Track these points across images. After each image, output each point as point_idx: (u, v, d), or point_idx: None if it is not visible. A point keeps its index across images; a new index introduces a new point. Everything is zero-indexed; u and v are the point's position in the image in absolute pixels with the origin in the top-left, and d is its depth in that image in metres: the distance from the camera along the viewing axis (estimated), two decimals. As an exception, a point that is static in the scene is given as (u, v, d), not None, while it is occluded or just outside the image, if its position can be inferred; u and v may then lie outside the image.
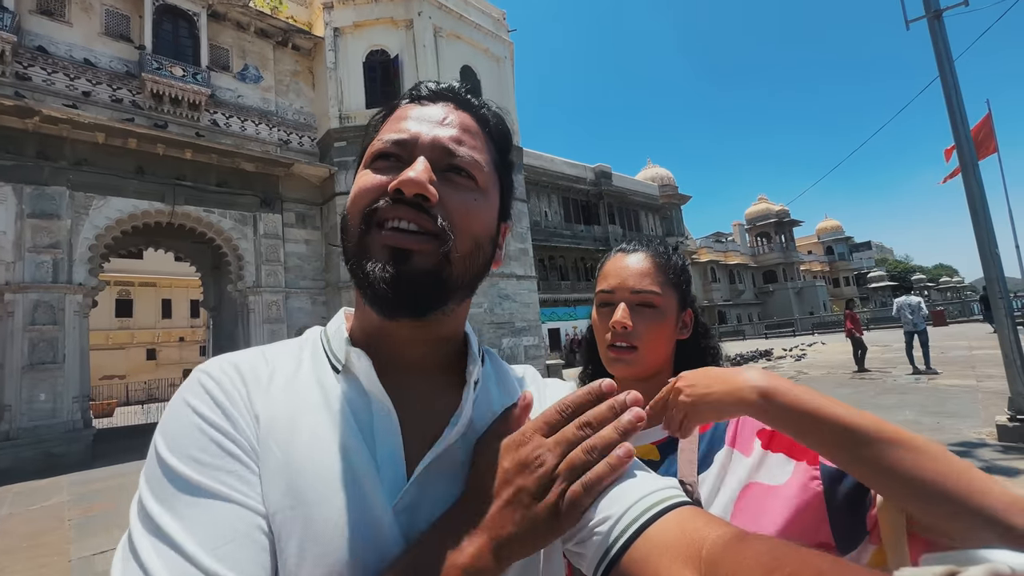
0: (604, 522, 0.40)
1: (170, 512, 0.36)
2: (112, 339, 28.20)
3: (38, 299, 9.01)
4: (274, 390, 0.45)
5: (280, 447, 0.41)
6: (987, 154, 6.78)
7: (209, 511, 0.37)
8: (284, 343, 0.52)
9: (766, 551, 0.31)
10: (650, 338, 0.80)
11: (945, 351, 11.75)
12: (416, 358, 0.50)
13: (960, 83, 5.18)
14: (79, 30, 10.51)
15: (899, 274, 53.80)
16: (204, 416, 0.41)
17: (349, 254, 0.47)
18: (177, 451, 0.39)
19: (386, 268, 0.44)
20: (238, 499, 0.38)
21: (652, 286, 0.82)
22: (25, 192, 9.20)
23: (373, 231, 0.45)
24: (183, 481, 0.38)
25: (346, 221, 0.47)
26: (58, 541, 4.53)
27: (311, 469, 0.41)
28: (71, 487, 6.85)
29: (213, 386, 0.43)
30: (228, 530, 0.36)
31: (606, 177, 27.12)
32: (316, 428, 0.43)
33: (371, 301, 0.45)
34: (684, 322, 0.86)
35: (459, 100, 0.52)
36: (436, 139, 0.48)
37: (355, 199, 0.47)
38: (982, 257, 4.94)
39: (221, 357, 0.47)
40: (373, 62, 13.79)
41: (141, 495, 0.38)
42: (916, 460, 0.49)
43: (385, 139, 0.48)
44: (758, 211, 44.49)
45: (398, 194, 0.45)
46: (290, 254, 12.87)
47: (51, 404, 8.87)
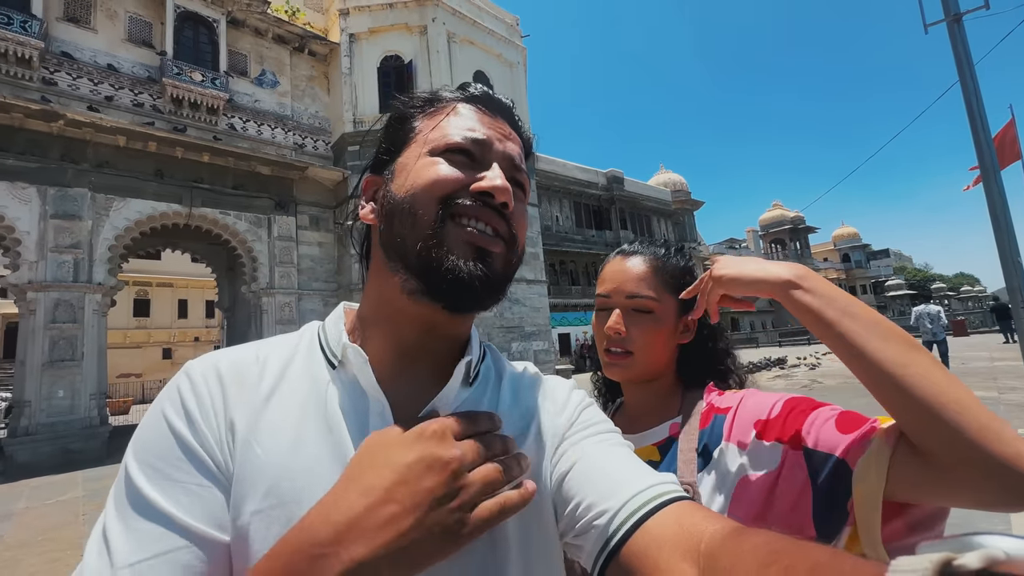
0: (603, 515, 0.40)
1: (118, 517, 0.38)
2: (129, 338, 28.79)
3: (59, 298, 9.23)
4: (260, 389, 0.45)
5: (262, 448, 0.41)
6: (1010, 161, 6.62)
7: (145, 524, 0.37)
8: (280, 338, 0.52)
9: (763, 544, 0.31)
10: (645, 344, 0.79)
11: (965, 362, 11.45)
12: (426, 352, 0.50)
13: (981, 88, 5.08)
14: (103, 36, 10.81)
15: (918, 283, 52.71)
16: (171, 424, 0.41)
17: (417, 237, 0.45)
18: (140, 458, 0.40)
19: (477, 265, 0.45)
20: (175, 517, 0.37)
21: (648, 291, 0.81)
22: (49, 193, 9.46)
23: (449, 224, 0.46)
24: (134, 490, 0.38)
25: (414, 203, 0.46)
26: (72, 536, 4.61)
27: (296, 468, 0.40)
28: (86, 483, 6.99)
29: (187, 392, 0.43)
30: (153, 547, 0.36)
31: (618, 182, 27.03)
32: (304, 429, 0.43)
33: (443, 294, 0.45)
34: (686, 326, 0.83)
35: (512, 119, 0.55)
36: (507, 152, 0.51)
37: (432, 185, 0.46)
38: (1004, 267, 4.81)
39: (208, 356, 0.47)
40: (387, 67, 13.97)
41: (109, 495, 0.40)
42: (935, 371, 0.50)
43: (461, 136, 0.49)
44: (773, 217, 43.99)
45: (484, 196, 0.47)
46: (303, 256, 13.03)
47: (69, 401, 9.07)
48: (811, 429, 0.61)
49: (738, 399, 0.74)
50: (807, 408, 0.64)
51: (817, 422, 0.61)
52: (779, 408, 0.67)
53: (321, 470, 0.41)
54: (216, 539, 0.38)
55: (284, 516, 0.38)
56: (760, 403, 0.70)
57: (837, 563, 0.27)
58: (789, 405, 0.66)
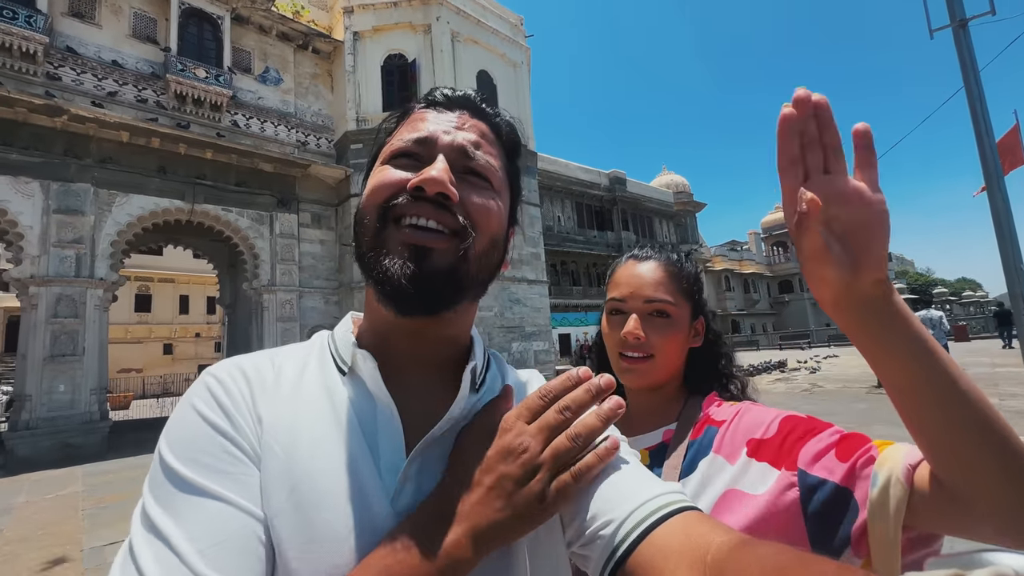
0: (608, 524, 0.40)
1: (167, 511, 0.37)
2: (130, 333, 28.86)
3: (61, 293, 9.25)
4: (279, 393, 0.46)
5: (283, 449, 0.42)
6: (1015, 166, 6.60)
7: (204, 511, 0.37)
8: (292, 347, 0.53)
9: (770, 557, 0.31)
10: (664, 348, 0.80)
11: (966, 367, 11.32)
12: (424, 357, 0.50)
13: (985, 93, 5.07)
14: (108, 32, 10.82)
15: (920, 287, 52.57)
16: (207, 419, 0.42)
17: (364, 248, 0.47)
18: (178, 453, 0.40)
19: (406, 264, 0.44)
20: (234, 501, 0.38)
21: (666, 295, 0.81)
22: (52, 188, 9.48)
23: (390, 227, 0.46)
24: (182, 481, 0.38)
25: (361, 215, 0.48)
26: (71, 530, 4.62)
27: (313, 471, 0.41)
28: (86, 477, 7.00)
29: (218, 389, 0.44)
30: (219, 531, 0.36)
31: (620, 183, 27.01)
32: (319, 431, 0.44)
33: (387, 297, 0.45)
34: (696, 330, 0.85)
35: (474, 108, 0.53)
36: (455, 141, 0.49)
37: (372, 194, 0.47)
38: (1006, 273, 4.80)
39: (229, 360, 0.48)
40: (391, 66, 13.96)
41: (143, 499, 0.39)
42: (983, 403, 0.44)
43: (405, 138, 0.49)
44: (775, 220, 43.92)
45: (418, 191, 0.45)
46: (305, 254, 13.04)
47: (70, 395, 9.09)
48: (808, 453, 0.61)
49: (734, 412, 0.74)
50: (804, 432, 0.63)
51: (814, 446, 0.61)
52: (775, 428, 0.66)
53: (333, 475, 0.41)
54: (263, 518, 0.39)
55: (303, 519, 0.39)
56: (756, 420, 0.69)
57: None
58: (786, 426, 0.66)
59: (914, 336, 0.44)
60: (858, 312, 0.45)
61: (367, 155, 5.23)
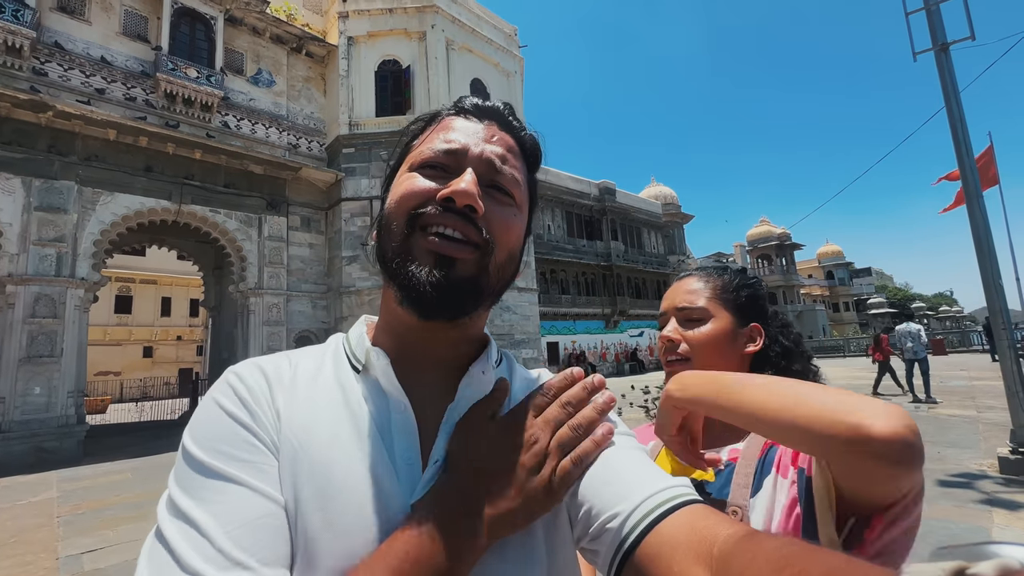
0: (616, 517, 0.41)
1: (193, 497, 0.39)
2: (110, 335, 28.14)
3: (39, 292, 9.01)
4: (296, 390, 0.47)
5: (300, 443, 0.43)
6: (989, 185, 6.84)
7: (228, 495, 0.39)
8: (307, 348, 0.55)
9: (776, 548, 0.31)
10: (701, 348, 0.84)
11: (945, 380, 11.70)
12: (439, 357, 0.52)
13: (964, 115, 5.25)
14: (98, 29, 10.67)
15: (899, 301, 53.81)
16: (228, 411, 0.43)
17: (390, 252, 0.48)
18: (202, 443, 0.42)
19: (432, 272, 0.46)
20: (256, 486, 0.40)
21: (696, 301, 0.87)
22: (34, 185, 9.26)
23: (417, 234, 0.47)
24: (205, 468, 0.40)
25: (388, 220, 0.49)
26: (46, 538, 4.47)
27: (330, 465, 0.42)
28: (61, 483, 6.78)
29: (239, 384, 0.46)
30: (244, 513, 0.38)
31: (610, 193, 27.27)
32: (335, 426, 0.45)
33: (411, 302, 0.47)
34: (750, 335, 0.87)
35: (503, 120, 0.55)
36: (484, 154, 0.50)
37: (402, 200, 0.49)
38: (986, 288, 4.94)
39: (248, 360, 0.50)
40: (385, 71, 13.99)
41: (169, 490, 0.40)
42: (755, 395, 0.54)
43: (435, 148, 0.50)
44: (760, 233, 44.68)
45: (448, 203, 0.47)
46: (293, 257, 12.90)
47: (46, 398, 8.82)
48: None
49: None
50: None
51: None
52: None
53: (350, 469, 0.43)
54: (284, 504, 0.41)
55: (320, 511, 0.40)
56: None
57: (850, 569, 0.27)
58: None
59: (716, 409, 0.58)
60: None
61: (359, 159, 5.30)
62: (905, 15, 5.64)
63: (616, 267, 25.96)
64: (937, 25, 5.37)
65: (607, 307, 25.41)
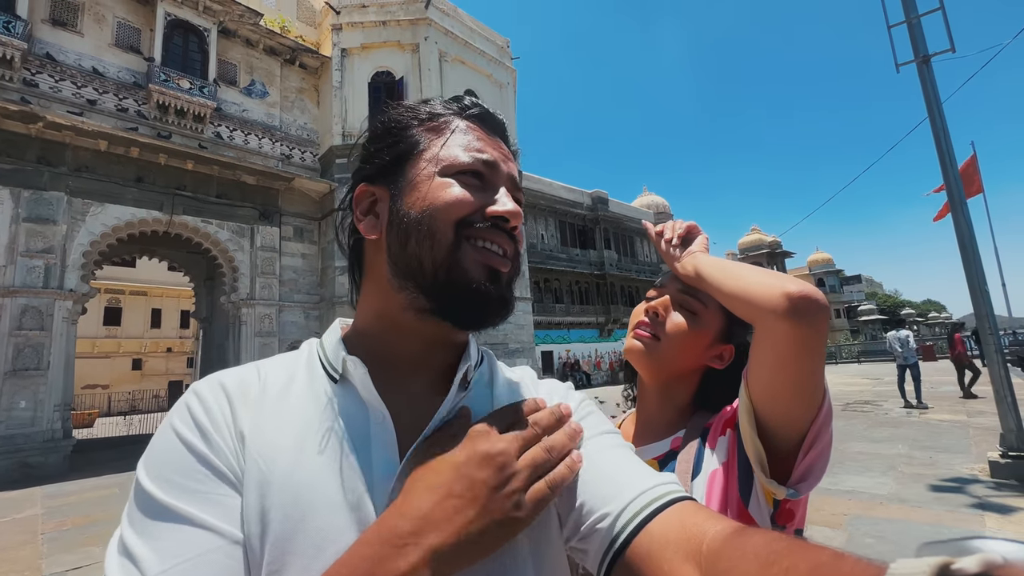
0: (606, 517, 0.40)
1: (139, 533, 0.37)
2: (98, 347, 27.72)
3: (27, 304, 8.88)
4: (264, 404, 0.45)
5: (268, 464, 0.41)
6: (973, 194, 6.97)
7: (170, 532, 0.37)
8: (280, 356, 0.52)
9: (764, 544, 0.31)
10: (676, 337, 0.80)
11: (935, 386, 11.80)
12: (426, 362, 0.51)
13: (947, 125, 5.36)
14: (90, 40, 10.67)
15: (889, 308, 54.36)
16: (183, 438, 0.41)
17: (432, 263, 0.46)
18: (153, 474, 0.40)
19: (486, 285, 0.47)
20: (204, 521, 0.38)
21: (701, 296, 0.81)
22: (23, 196, 9.17)
23: (465, 246, 0.47)
24: (153, 503, 0.38)
25: (430, 224, 0.47)
26: (30, 556, 4.35)
27: (300, 485, 0.40)
28: (46, 499, 6.62)
29: (197, 407, 0.43)
30: (185, 551, 0.36)
31: (602, 203, 27.46)
32: (307, 441, 0.43)
33: (454, 312, 0.47)
34: (721, 354, 0.83)
35: (505, 138, 0.56)
36: (511, 173, 0.53)
37: (449, 208, 0.47)
38: (972, 294, 5.02)
39: (211, 376, 0.47)
40: (378, 83, 14.08)
41: (121, 520, 0.39)
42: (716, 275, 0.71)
43: (472, 156, 0.50)
44: (751, 241, 45.11)
45: (498, 220, 0.49)
46: (286, 267, 12.83)
47: (31, 412, 8.64)
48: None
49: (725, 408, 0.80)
50: None
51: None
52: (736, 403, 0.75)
53: (324, 483, 0.41)
54: (240, 539, 0.38)
55: (291, 528, 0.38)
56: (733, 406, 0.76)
57: (837, 564, 0.27)
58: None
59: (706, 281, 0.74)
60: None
61: (352, 170, 5.37)
62: (887, 28, 5.79)
63: (610, 276, 26.05)
64: (919, 38, 5.51)
65: (601, 315, 25.45)
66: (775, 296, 0.59)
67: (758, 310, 0.62)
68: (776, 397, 0.62)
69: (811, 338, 0.59)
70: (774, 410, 0.63)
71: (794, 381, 0.61)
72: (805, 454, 0.62)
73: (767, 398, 0.63)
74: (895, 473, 4.98)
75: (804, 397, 0.61)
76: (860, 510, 3.99)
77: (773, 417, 0.63)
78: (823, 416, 0.62)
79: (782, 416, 0.63)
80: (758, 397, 0.64)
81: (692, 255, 0.78)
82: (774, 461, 0.64)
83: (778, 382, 0.62)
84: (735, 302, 0.66)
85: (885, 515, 3.86)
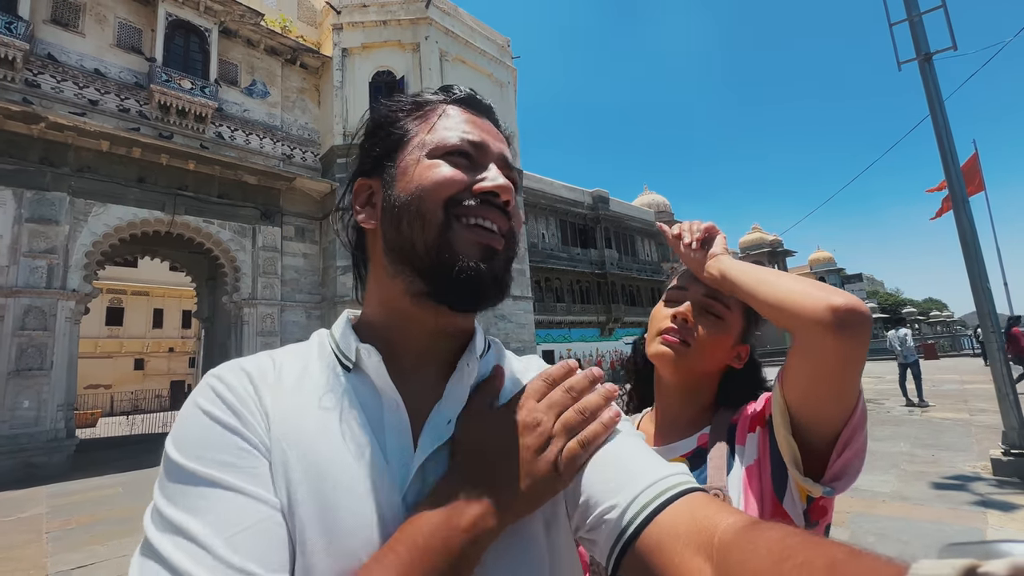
0: (615, 508, 0.40)
1: (183, 508, 0.36)
2: (100, 347, 27.78)
3: (30, 304, 8.90)
4: (282, 389, 0.45)
5: (291, 444, 0.42)
6: (975, 192, 6.97)
7: (221, 503, 0.37)
8: (291, 346, 0.52)
9: (777, 539, 0.31)
10: (703, 344, 0.81)
11: (937, 384, 11.80)
12: (436, 350, 0.51)
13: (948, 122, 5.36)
14: (91, 41, 10.68)
15: (890, 307, 54.25)
16: (213, 416, 0.41)
17: (423, 244, 0.47)
18: (186, 451, 0.39)
19: (480, 264, 0.47)
20: (249, 491, 0.38)
21: (724, 299, 0.83)
22: (25, 197, 9.19)
23: (456, 225, 0.47)
24: (193, 477, 0.38)
25: (418, 206, 0.47)
26: (35, 554, 4.38)
27: (323, 465, 0.41)
28: (50, 498, 6.65)
29: (222, 387, 0.43)
30: (241, 520, 0.36)
31: (603, 202, 27.43)
32: (327, 425, 0.43)
33: (450, 293, 0.47)
34: (739, 354, 0.86)
35: (495, 120, 0.57)
36: (501, 152, 0.53)
37: (437, 187, 0.47)
38: (974, 292, 5.01)
39: (230, 362, 0.47)
40: (379, 82, 14.07)
41: (155, 502, 0.38)
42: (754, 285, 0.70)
43: (460, 137, 0.50)
44: (752, 240, 45.02)
45: (489, 196, 0.48)
46: (287, 267, 12.85)
47: (35, 412, 8.67)
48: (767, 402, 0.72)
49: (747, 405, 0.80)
50: None
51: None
52: (762, 401, 0.76)
53: (342, 467, 0.41)
54: (281, 508, 0.39)
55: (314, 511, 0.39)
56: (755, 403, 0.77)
57: (855, 561, 0.26)
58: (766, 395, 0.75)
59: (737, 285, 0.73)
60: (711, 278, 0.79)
61: (352, 169, 5.35)
62: (889, 26, 5.78)
63: (611, 275, 26.04)
64: (920, 36, 5.50)
65: (602, 315, 25.45)
66: (820, 309, 0.58)
67: (800, 322, 0.61)
68: (813, 402, 0.63)
69: (855, 350, 0.58)
70: (809, 412, 0.63)
71: (834, 389, 0.61)
72: (839, 453, 0.62)
73: (803, 402, 0.63)
74: (897, 471, 4.99)
75: (841, 402, 0.62)
76: (862, 508, 4.00)
77: (808, 418, 0.63)
78: (857, 417, 0.62)
79: (817, 417, 0.63)
80: (794, 401, 0.64)
81: (716, 259, 0.78)
82: (808, 459, 0.64)
83: (818, 390, 0.62)
84: (773, 311, 0.66)
85: (887, 513, 3.87)
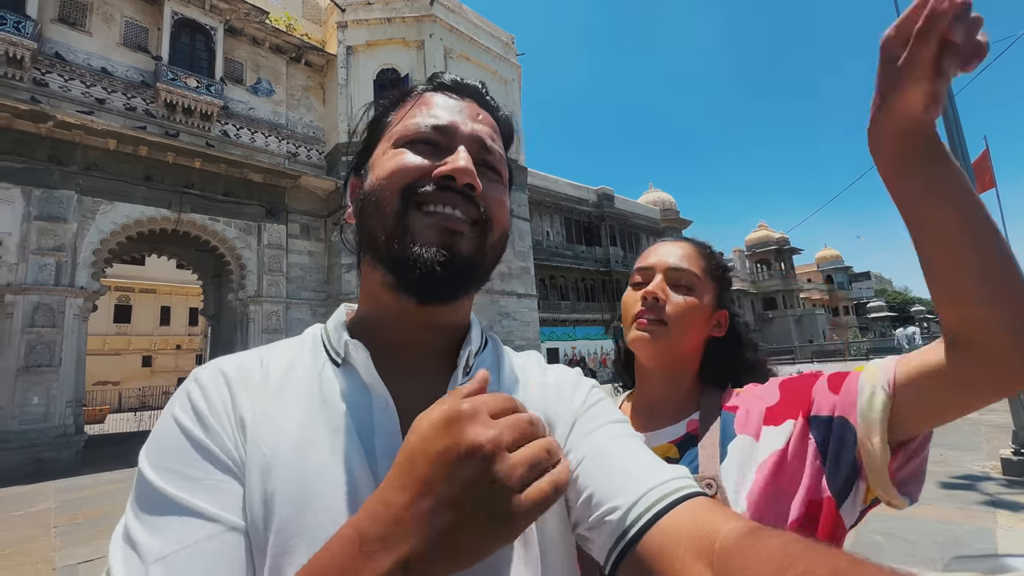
0: (616, 510, 0.39)
1: (141, 521, 0.37)
2: (108, 344, 28.05)
3: (39, 301, 9.00)
4: (266, 390, 0.44)
5: (272, 449, 0.40)
6: (985, 189, 6.88)
7: (170, 520, 0.37)
8: (284, 341, 0.52)
9: (779, 547, 0.30)
10: (681, 317, 0.78)
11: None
12: (425, 345, 0.50)
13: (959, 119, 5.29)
14: (98, 40, 10.76)
15: (898, 305, 53.80)
16: (181, 426, 0.41)
17: (384, 234, 0.46)
18: (153, 462, 0.40)
19: (439, 252, 0.44)
20: (203, 510, 0.37)
21: (692, 267, 0.80)
22: (34, 195, 9.28)
23: (413, 212, 0.46)
24: (153, 491, 0.38)
25: (378, 197, 0.46)
26: (43, 549, 4.43)
27: (304, 470, 0.40)
28: (58, 493, 6.73)
29: (196, 394, 0.43)
30: (183, 539, 0.36)
31: (608, 199, 27.35)
32: (310, 425, 0.42)
33: (411, 285, 0.45)
34: (718, 321, 0.83)
35: (482, 99, 0.54)
36: (474, 133, 0.49)
37: (392, 177, 0.46)
38: (984, 289, 4.95)
39: (213, 361, 0.47)
40: (383, 80, 14.08)
41: (127, 508, 0.40)
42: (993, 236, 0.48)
43: (423, 123, 0.48)
44: (758, 238, 44.75)
45: (446, 180, 0.46)
46: (293, 265, 12.91)
47: (44, 408, 8.78)
48: (815, 398, 0.66)
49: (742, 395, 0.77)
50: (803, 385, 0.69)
51: (814, 391, 0.66)
52: (778, 392, 0.71)
53: (327, 468, 0.40)
54: (239, 526, 0.38)
55: (293, 513, 0.38)
56: (764, 394, 0.73)
57: (858, 571, 0.26)
58: (786, 387, 0.71)
59: (960, 170, 0.48)
60: (924, 143, 0.47)
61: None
62: (898, 20, 5.71)
63: (615, 273, 25.97)
64: (930, 30, 5.43)
65: (606, 312, 25.39)
66: None
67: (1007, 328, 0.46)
68: (936, 416, 0.56)
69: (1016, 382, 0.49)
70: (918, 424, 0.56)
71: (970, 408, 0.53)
72: (908, 459, 0.58)
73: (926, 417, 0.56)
74: (904, 470, 4.94)
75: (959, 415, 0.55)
76: (869, 507, 3.97)
77: (907, 428, 0.57)
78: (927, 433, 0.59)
79: (917, 430, 0.57)
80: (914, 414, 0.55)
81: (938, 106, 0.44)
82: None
83: (957, 408, 0.54)
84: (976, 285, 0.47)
85: (894, 512, 3.83)
